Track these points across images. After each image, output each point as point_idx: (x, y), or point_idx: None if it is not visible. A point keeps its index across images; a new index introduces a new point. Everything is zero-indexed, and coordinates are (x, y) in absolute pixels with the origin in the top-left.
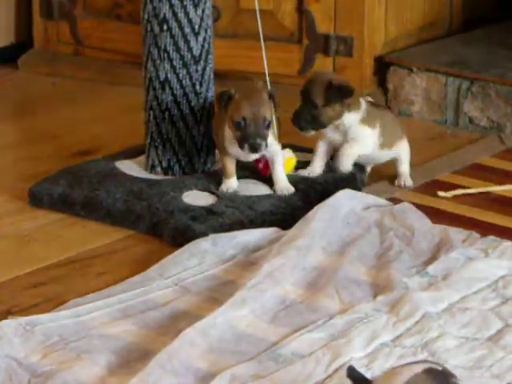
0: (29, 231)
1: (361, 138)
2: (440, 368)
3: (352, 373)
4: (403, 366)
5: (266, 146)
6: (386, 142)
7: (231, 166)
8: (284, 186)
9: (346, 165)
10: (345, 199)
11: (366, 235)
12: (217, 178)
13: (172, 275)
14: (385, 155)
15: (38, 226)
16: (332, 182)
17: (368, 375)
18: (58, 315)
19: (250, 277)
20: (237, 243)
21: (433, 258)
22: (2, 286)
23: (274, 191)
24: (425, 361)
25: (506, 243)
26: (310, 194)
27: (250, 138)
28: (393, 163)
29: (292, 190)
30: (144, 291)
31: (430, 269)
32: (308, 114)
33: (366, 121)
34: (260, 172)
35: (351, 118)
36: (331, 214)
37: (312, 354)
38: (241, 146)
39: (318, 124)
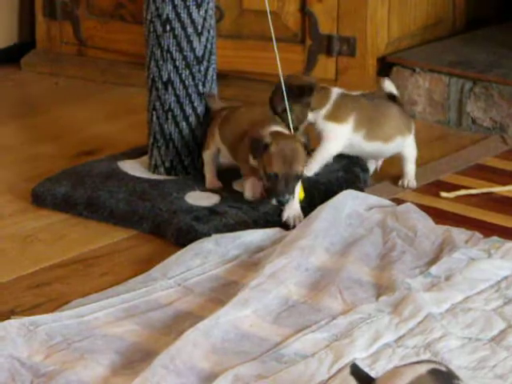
0: (32, 231)
1: (328, 135)
2: (444, 369)
3: (356, 370)
4: (407, 365)
5: (293, 198)
6: (375, 134)
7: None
8: (296, 213)
9: (310, 169)
10: (348, 200)
11: (368, 236)
12: (220, 178)
13: (175, 275)
14: (380, 148)
15: (41, 226)
16: (335, 183)
17: None
18: (61, 315)
19: (252, 277)
20: (240, 243)
21: (436, 259)
22: (5, 286)
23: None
24: (429, 361)
25: (509, 244)
26: (313, 194)
27: (279, 195)
28: (398, 163)
29: (301, 218)
30: (147, 291)
31: (433, 269)
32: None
33: (333, 116)
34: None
35: (315, 116)
36: (334, 214)
37: (315, 354)
38: (268, 197)
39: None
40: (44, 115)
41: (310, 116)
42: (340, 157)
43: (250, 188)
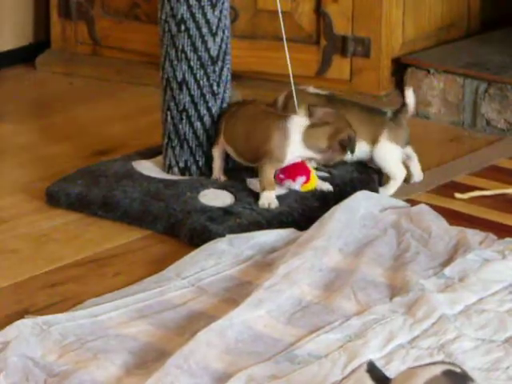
0: (46, 231)
1: None
2: (459, 370)
3: (372, 368)
4: (422, 366)
5: None
6: None
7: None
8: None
9: None
10: (362, 200)
11: (382, 236)
12: (233, 178)
13: (189, 275)
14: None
15: (56, 225)
16: (349, 183)
17: None
18: (74, 315)
19: (266, 277)
20: (254, 244)
21: (450, 260)
22: (20, 285)
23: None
24: (443, 362)
25: None
26: (327, 194)
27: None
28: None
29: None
30: (161, 291)
31: (447, 270)
32: None
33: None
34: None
35: None
36: (348, 215)
37: (328, 355)
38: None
39: None
40: (59, 115)
41: None
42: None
43: (265, 200)
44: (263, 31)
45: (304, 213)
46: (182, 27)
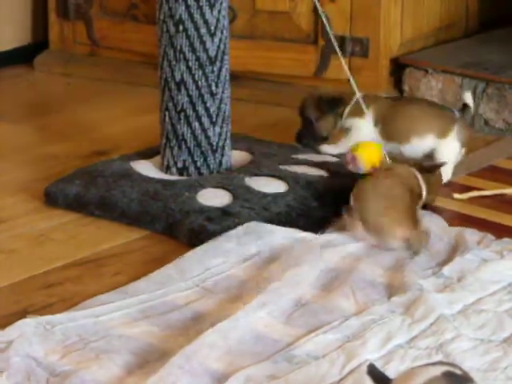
0: (44, 231)
1: (351, 127)
2: (459, 372)
3: (372, 370)
4: (422, 366)
5: None
6: (389, 133)
7: None
8: None
9: (331, 149)
10: None
11: None
12: (232, 178)
13: (193, 276)
14: (398, 149)
15: (54, 225)
16: (348, 184)
17: None
18: (77, 315)
19: (272, 279)
20: (260, 243)
21: (448, 260)
22: (18, 285)
23: None
24: (444, 363)
25: None
26: (326, 195)
27: None
28: None
29: None
30: (164, 292)
31: (446, 270)
32: (307, 131)
33: (353, 112)
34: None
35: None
36: None
37: (327, 355)
38: None
39: (317, 138)
40: (57, 115)
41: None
42: None
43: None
44: (262, 31)
45: (302, 213)
46: (181, 27)
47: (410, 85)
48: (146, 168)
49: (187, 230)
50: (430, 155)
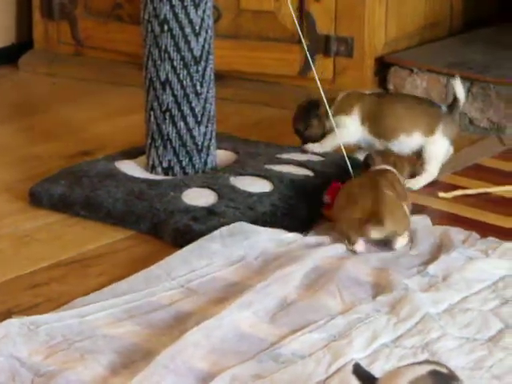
0: (29, 231)
1: (337, 125)
2: (445, 370)
3: (357, 369)
4: (409, 365)
5: None
6: (377, 130)
7: None
8: None
9: (315, 148)
10: None
11: None
12: (217, 177)
13: (179, 276)
14: (386, 145)
15: (39, 226)
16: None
17: None
18: (62, 315)
19: (258, 279)
20: (246, 245)
21: (433, 258)
22: (3, 285)
23: None
24: (431, 362)
25: (506, 244)
26: (311, 194)
27: None
28: None
29: None
30: (150, 292)
31: (431, 269)
32: (304, 142)
33: (340, 109)
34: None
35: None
36: None
37: (312, 354)
38: None
39: (315, 140)
40: (42, 115)
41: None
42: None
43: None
44: (246, 31)
45: (287, 212)
46: (165, 27)
47: (394, 84)
48: (131, 168)
49: (172, 229)
50: (418, 152)
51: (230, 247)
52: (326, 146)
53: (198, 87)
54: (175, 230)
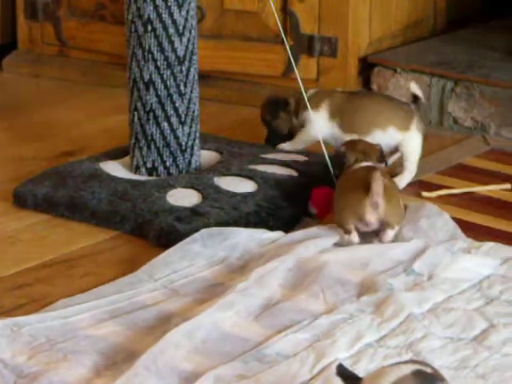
0: (13, 232)
1: (306, 121)
2: (429, 370)
3: (341, 370)
4: (393, 365)
5: None
6: (349, 126)
7: None
8: None
9: (286, 146)
10: None
11: None
12: (201, 178)
13: (162, 277)
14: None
15: (23, 226)
16: (316, 183)
17: None
18: (45, 316)
19: (240, 280)
20: (227, 245)
21: (419, 254)
22: None
23: None
24: (415, 361)
25: (490, 243)
26: (295, 194)
27: None
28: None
29: None
30: (133, 293)
31: (416, 266)
32: (271, 133)
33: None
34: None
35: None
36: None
37: (297, 354)
38: None
39: (280, 136)
40: (25, 116)
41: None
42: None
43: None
44: (230, 31)
45: (272, 212)
46: (149, 27)
47: (378, 84)
48: (115, 168)
49: (156, 229)
50: (395, 149)
51: (211, 248)
52: (296, 143)
53: (182, 87)
54: (159, 231)
